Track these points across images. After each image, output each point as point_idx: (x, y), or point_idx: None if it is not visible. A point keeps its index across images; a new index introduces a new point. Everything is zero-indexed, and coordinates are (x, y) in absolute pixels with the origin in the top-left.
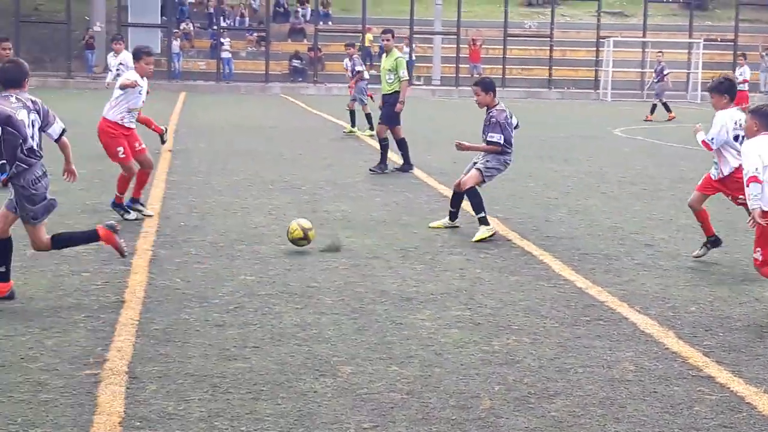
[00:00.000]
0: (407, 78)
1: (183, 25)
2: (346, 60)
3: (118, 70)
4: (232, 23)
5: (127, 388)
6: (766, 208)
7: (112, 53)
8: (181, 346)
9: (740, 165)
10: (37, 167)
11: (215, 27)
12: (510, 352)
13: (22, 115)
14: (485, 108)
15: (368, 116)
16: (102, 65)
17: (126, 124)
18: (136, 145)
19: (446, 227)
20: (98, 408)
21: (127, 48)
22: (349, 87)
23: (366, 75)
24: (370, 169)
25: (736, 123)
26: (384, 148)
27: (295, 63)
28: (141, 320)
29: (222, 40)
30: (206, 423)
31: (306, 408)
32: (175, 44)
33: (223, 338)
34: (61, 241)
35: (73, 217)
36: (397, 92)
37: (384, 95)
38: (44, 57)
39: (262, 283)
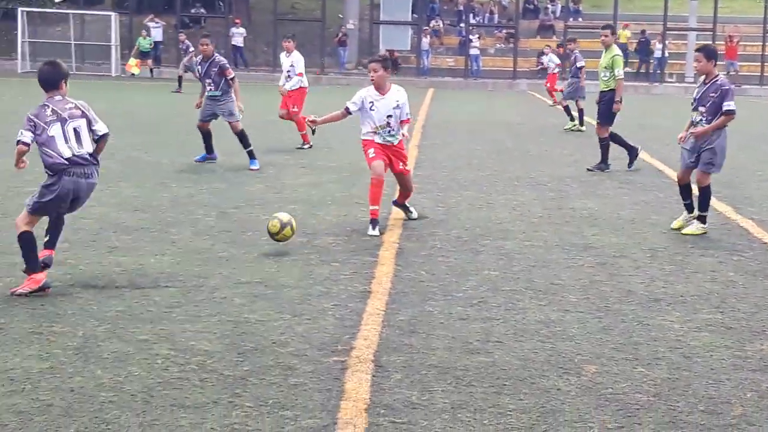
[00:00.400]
0: (622, 77)
1: (433, 23)
2: (550, 55)
3: (288, 72)
4: (481, 20)
5: (373, 376)
6: None
7: (284, 53)
8: (425, 337)
9: None
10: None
11: (464, 24)
12: (764, 358)
13: (54, 131)
14: (702, 77)
15: (567, 108)
16: (354, 62)
17: (379, 141)
18: (400, 164)
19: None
20: (345, 394)
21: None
22: (575, 83)
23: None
24: (588, 168)
25: None
26: (604, 147)
27: (544, 59)
28: (387, 311)
29: (471, 37)
30: (449, 414)
31: (549, 405)
32: (425, 41)
33: (466, 332)
34: (24, 242)
35: (323, 209)
36: (612, 90)
37: (601, 92)
38: (299, 53)
39: (506, 278)
